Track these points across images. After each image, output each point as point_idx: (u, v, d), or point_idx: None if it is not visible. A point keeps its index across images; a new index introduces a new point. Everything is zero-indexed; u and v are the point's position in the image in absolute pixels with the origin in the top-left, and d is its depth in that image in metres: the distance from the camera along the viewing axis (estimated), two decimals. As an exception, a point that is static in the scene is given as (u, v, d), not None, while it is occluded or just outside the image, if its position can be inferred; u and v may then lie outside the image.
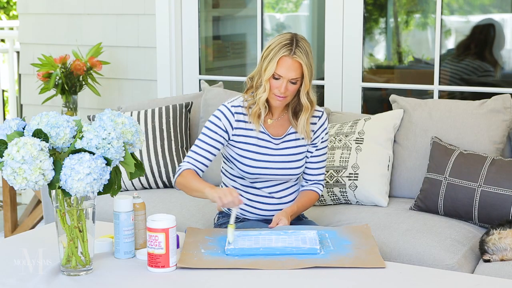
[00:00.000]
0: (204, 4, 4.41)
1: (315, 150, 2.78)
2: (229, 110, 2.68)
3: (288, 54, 2.58)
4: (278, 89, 2.60)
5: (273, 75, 2.60)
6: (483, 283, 2.17)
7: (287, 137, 2.73)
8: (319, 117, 2.76)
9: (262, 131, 2.70)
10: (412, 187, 3.28)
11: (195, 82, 4.33)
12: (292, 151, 2.73)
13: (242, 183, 2.76)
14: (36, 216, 4.25)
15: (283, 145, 2.73)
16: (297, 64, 2.59)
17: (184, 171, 2.63)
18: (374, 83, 4.19)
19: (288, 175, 2.74)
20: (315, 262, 2.23)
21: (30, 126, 2.11)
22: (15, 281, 2.13)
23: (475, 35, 4.19)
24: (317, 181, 2.82)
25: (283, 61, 2.58)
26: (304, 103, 2.65)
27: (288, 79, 2.59)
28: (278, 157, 2.71)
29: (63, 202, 2.13)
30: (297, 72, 2.59)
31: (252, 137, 2.70)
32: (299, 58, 2.58)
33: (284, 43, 2.60)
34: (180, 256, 2.28)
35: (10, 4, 9.37)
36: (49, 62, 4.17)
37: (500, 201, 2.91)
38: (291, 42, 2.60)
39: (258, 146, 2.70)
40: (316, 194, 2.81)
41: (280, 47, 2.59)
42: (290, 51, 2.58)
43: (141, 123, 3.59)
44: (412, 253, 2.79)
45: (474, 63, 4.19)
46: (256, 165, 2.69)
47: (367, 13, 4.13)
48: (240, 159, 2.69)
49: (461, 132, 3.21)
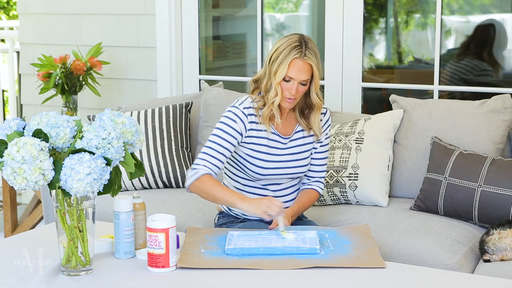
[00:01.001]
0: (204, 4, 4.41)
1: (320, 146, 2.79)
2: (242, 112, 2.66)
3: (299, 56, 2.57)
4: (289, 91, 2.60)
5: (284, 78, 2.59)
6: (483, 283, 2.17)
7: (295, 135, 2.75)
8: (323, 114, 2.78)
9: (273, 132, 2.71)
10: (412, 187, 3.28)
11: (195, 82, 4.33)
12: (300, 149, 2.74)
13: (246, 183, 2.76)
14: (36, 216, 4.25)
15: (291, 143, 2.74)
16: (308, 66, 2.58)
17: (203, 177, 2.58)
18: (374, 83, 4.19)
19: (296, 173, 2.75)
20: (315, 262, 2.23)
21: (30, 126, 2.11)
22: (15, 281, 2.13)
23: (475, 35, 4.19)
24: (318, 178, 2.82)
25: (294, 64, 2.57)
26: (316, 102, 2.66)
27: (299, 81, 2.59)
28: (287, 156, 2.72)
29: (63, 202, 2.13)
30: (308, 74, 2.59)
31: (262, 137, 2.69)
32: (310, 60, 2.57)
33: (293, 45, 2.58)
34: (180, 256, 2.28)
35: (10, 4, 9.37)
36: (49, 62, 4.17)
37: (500, 201, 2.91)
38: (300, 44, 2.58)
39: (268, 147, 2.70)
40: (316, 193, 2.81)
41: (290, 49, 2.57)
42: (301, 53, 2.57)
43: (141, 123, 3.59)
44: (412, 253, 2.79)
45: (472, 62, 4.19)
46: (267, 166, 2.69)
47: (367, 13, 4.13)
48: (250, 159, 2.69)
49: (461, 132, 3.21)
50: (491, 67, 4.21)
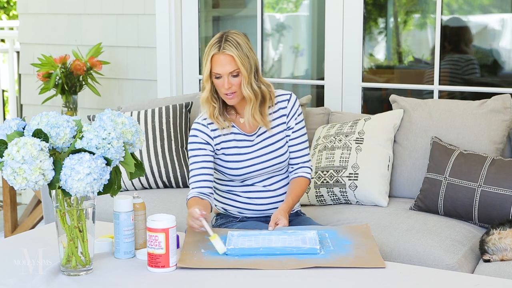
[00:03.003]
0: (204, 4, 4.41)
1: (292, 133, 2.79)
2: (202, 124, 2.72)
3: (217, 51, 2.63)
4: (223, 87, 2.64)
5: (214, 75, 2.64)
6: (483, 283, 2.17)
7: (261, 130, 2.76)
8: (287, 100, 2.79)
9: (237, 132, 2.73)
10: (412, 187, 3.28)
11: (195, 82, 4.33)
12: (269, 141, 2.76)
13: (234, 185, 2.78)
14: (36, 216, 4.25)
15: (258, 139, 2.75)
16: (229, 58, 2.62)
17: (189, 200, 2.62)
18: (374, 83, 4.19)
19: (275, 165, 2.76)
20: (315, 262, 2.23)
21: (30, 126, 2.11)
22: (15, 281, 2.12)
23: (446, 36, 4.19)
24: (302, 164, 2.81)
25: (215, 59, 2.63)
26: (246, 95, 2.67)
27: (227, 74, 2.63)
28: (259, 151, 2.74)
29: (63, 202, 2.13)
30: (232, 65, 2.63)
31: (230, 140, 2.73)
32: (229, 51, 2.61)
33: (213, 42, 2.65)
34: (180, 256, 2.28)
35: (10, 4, 9.37)
36: (49, 62, 4.17)
37: (500, 201, 2.91)
38: (220, 39, 2.65)
39: (238, 148, 2.73)
40: (305, 179, 2.80)
41: (210, 47, 2.65)
42: (219, 47, 2.63)
43: (141, 123, 3.59)
44: (412, 253, 2.79)
45: (453, 57, 4.19)
46: (241, 166, 2.72)
47: (367, 13, 4.13)
48: (226, 164, 2.72)
49: (461, 132, 3.21)
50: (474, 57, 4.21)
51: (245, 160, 2.72)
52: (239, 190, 2.77)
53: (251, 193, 2.77)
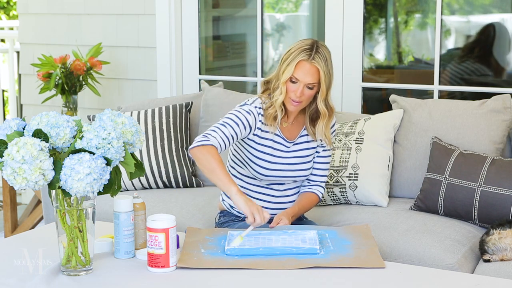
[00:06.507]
0: (204, 4, 4.41)
1: (322, 151, 2.80)
2: (256, 110, 2.68)
3: (306, 59, 2.59)
4: (294, 93, 2.61)
5: (290, 79, 2.61)
6: (483, 283, 2.17)
7: (299, 140, 2.76)
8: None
9: (278, 134, 2.72)
10: (412, 187, 3.28)
11: (195, 82, 4.33)
12: (303, 153, 2.76)
13: (250, 182, 2.77)
14: (36, 216, 4.25)
15: (294, 147, 2.75)
16: (315, 69, 2.59)
17: (212, 147, 2.54)
18: (374, 83, 4.19)
19: (298, 176, 2.77)
20: (315, 262, 2.23)
21: (30, 126, 2.11)
22: (15, 281, 2.12)
23: (477, 37, 4.19)
24: (319, 182, 2.83)
25: (301, 65, 2.59)
26: (322, 110, 2.67)
27: (304, 84, 2.60)
28: (291, 159, 2.73)
29: (63, 202, 2.13)
30: (314, 77, 2.60)
31: (268, 139, 2.71)
32: (317, 64, 2.59)
33: (304, 47, 2.60)
34: (180, 256, 2.28)
35: (10, 4, 9.37)
36: (49, 62, 4.17)
37: (500, 201, 2.91)
38: (311, 47, 2.60)
39: (273, 149, 2.71)
40: (316, 197, 2.82)
41: (299, 51, 2.60)
42: (309, 56, 2.59)
43: (141, 123, 3.59)
44: (412, 253, 2.79)
45: (473, 65, 4.19)
46: (271, 167, 2.71)
47: (367, 13, 4.13)
48: (255, 160, 2.70)
49: (461, 132, 3.21)
50: (492, 71, 4.21)
51: (276, 163, 2.71)
52: (251, 189, 2.76)
53: (263, 195, 2.76)
